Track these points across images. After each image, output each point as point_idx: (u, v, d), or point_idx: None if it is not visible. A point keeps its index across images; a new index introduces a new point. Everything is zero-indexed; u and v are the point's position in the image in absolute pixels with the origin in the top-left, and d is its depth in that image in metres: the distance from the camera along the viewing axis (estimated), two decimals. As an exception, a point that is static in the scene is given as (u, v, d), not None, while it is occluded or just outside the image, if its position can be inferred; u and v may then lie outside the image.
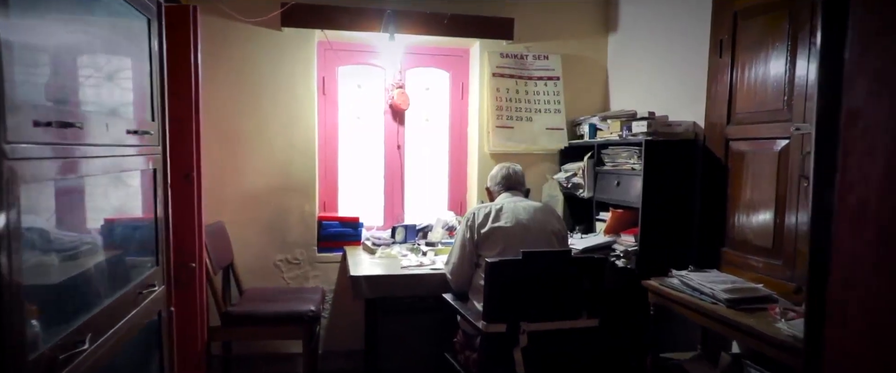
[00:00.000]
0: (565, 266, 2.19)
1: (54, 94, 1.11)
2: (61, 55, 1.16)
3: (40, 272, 1.05)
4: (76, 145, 1.13)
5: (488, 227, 2.47)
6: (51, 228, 1.11)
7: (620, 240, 2.91)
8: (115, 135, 1.32)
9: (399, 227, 3.39)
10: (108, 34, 1.39)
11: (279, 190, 3.38)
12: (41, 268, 1.06)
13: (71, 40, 1.20)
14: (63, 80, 1.17)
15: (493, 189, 2.75)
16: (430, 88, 3.79)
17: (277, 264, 3.42)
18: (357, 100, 3.68)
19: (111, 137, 1.27)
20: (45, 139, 1.02)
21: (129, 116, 1.48)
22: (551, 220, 2.57)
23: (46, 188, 1.07)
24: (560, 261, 2.20)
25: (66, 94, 1.17)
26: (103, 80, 1.33)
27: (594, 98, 3.73)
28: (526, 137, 3.53)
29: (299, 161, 3.39)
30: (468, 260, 2.51)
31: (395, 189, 3.75)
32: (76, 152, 1.14)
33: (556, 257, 2.21)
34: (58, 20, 1.13)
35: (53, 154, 1.05)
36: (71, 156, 1.12)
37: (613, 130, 3.11)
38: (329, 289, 3.47)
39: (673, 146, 2.74)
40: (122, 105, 1.44)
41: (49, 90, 1.09)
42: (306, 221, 3.42)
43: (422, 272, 2.76)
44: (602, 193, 3.16)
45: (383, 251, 3.14)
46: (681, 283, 2.39)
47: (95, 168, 1.23)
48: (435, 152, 3.83)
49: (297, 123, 3.37)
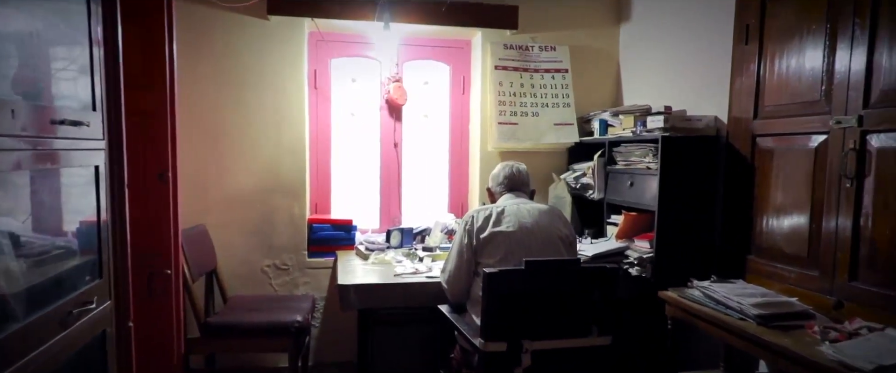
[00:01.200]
0: (574, 276, 1.94)
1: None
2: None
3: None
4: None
5: (488, 231, 2.23)
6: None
7: (634, 246, 2.67)
8: (29, 124, 1.09)
9: (395, 230, 3.16)
10: (33, 14, 1.17)
11: (266, 191, 3.16)
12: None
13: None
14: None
15: (494, 190, 2.51)
16: (429, 82, 3.55)
17: (264, 270, 3.19)
18: (351, 95, 3.45)
19: (20, 125, 1.05)
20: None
21: (55, 104, 1.25)
22: (558, 224, 2.33)
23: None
24: (568, 271, 1.96)
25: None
26: (18, 64, 1.11)
27: (605, 93, 3.49)
28: (531, 133, 3.29)
29: (288, 160, 3.17)
30: (466, 268, 2.27)
31: (392, 190, 3.52)
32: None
33: (563, 267, 1.97)
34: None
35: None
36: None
37: (626, 126, 2.86)
38: (320, 296, 3.25)
39: (692, 143, 2.50)
40: (43, 91, 1.21)
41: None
42: (296, 224, 3.20)
43: (416, 281, 2.52)
44: (614, 194, 2.91)
45: (377, 256, 2.91)
46: (703, 295, 2.15)
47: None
48: (434, 151, 3.60)
49: (286, 120, 3.15)
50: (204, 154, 3.07)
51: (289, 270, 3.21)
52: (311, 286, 3.24)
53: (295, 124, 3.16)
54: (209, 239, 3.02)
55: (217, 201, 3.11)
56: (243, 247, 3.15)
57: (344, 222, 3.23)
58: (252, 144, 3.13)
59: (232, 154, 3.11)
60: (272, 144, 3.15)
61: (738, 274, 2.36)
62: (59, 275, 1.23)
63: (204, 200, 3.08)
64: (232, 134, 3.10)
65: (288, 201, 3.18)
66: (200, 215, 3.05)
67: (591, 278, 1.96)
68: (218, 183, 3.11)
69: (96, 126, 1.41)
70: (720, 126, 2.54)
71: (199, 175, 3.07)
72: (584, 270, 1.94)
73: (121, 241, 1.68)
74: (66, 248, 1.31)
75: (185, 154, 2.97)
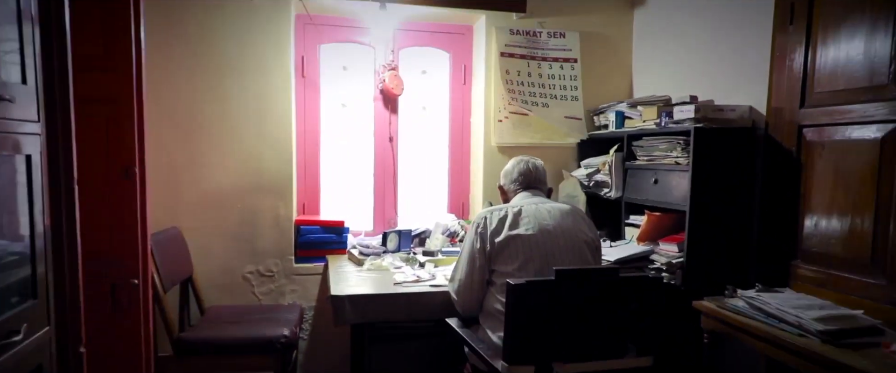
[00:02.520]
0: (611, 288, 1.67)
1: None
2: None
3: None
4: None
5: (504, 235, 1.95)
6: None
7: (659, 249, 2.41)
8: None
9: (391, 233, 2.87)
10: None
11: (248, 189, 2.84)
12: None
13: None
14: None
15: (507, 188, 2.24)
16: (428, 71, 3.26)
17: (246, 277, 2.88)
18: (342, 84, 3.15)
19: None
20: None
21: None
22: (582, 226, 2.06)
23: None
24: (605, 281, 1.68)
25: None
26: None
27: (616, 84, 3.23)
28: (541, 126, 3.02)
29: (273, 155, 2.86)
30: (479, 277, 2.00)
31: (387, 188, 3.22)
32: None
33: (599, 276, 1.69)
34: None
35: None
36: None
37: (647, 117, 2.60)
38: (309, 306, 2.94)
39: (726, 136, 2.25)
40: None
41: None
42: (281, 226, 2.89)
43: (420, 290, 2.23)
44: (634, 192, 2.65)
45: (373, 262, 2.62)
46: (749, 306, 1.89)
47: None
48: (433, 146, 3.31)
49: (270, 111, 2.84)
50: (177, 148, 2.75)
51: (274, 278, 2.90)
52: (299, 295, 2.93)
53: (280, 116, 2.85)
54: (184, 243, 2.70)
55: (193, 201, 2.79)
56: (222, 252, 2.84)
57: (335, 224, 2.93)
58: (232, 138, 2.81)
59: (209, 148, 2.79)
60: (255, 138, 2.83)
61: (780, 281, 2.12)
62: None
63: (177, 200, 2.76)
64: (209, 126, 2.78)
65: (272, 201, 2.87)
66: (173, 217, 2.73)
67: (631, 290, 1.69)
68: (194, 180, 2.79)
69: (27, 104, 1.10)
70: (756, 117, 2.29)
71: (172, 171, 2.75)
72: (624, 281, 1.67)
73: (69, 249, 1.37)
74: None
75: (156, 148, 2.65)
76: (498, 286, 1.94)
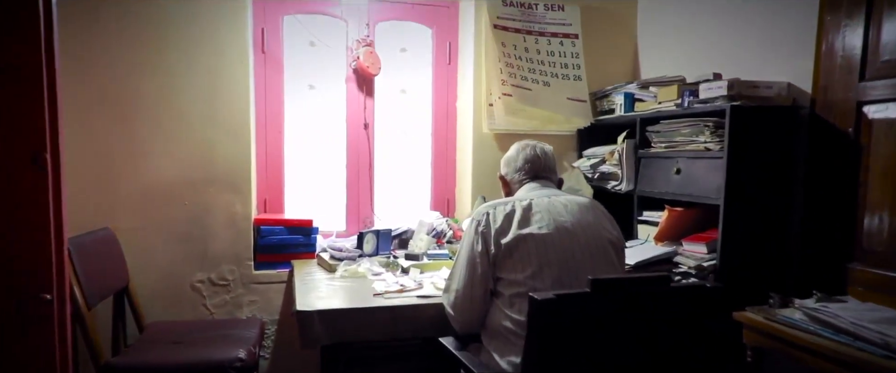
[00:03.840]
0: (659, 301, 1.30)
1: None
2: None
3: None
4: None
5: (513, 234, 1.58)
6: None
7: (683, 250, 2.07)
8: None
9: (368, 233, 2.46)
10: None
11: (198, 183, 2.41)
12: None
13: None
14: None
15: (510, 178, 1.86)
16: (408, 49, 2.87)
17: (196, 287, 2.44)
18: (309, 62, 2.73)
19: None
20: None
21: None
22: (604, 223, 1.70)
23: None
24: (652, 292, 1.31)
25: None
26: None
27: (620, 64, 2.89)
28: (537, 112, 2.66)
29: (227, 143, 2.42)
30: (481, 286, 1.62)
31: (362, 182, 2.82)
32: None
33: (645, 287, 1.32)
34: None
35: None
36: None
37: (665, 98, 2.26)
38: (271, 320, 2.52)
39: (765, 116, 1.92)
40: None
41: None
42: (238, 227, 2.46)
43: (405, 302, 1.84)
44: (649, 184, 2.31)
45: (347, 268, 2.21)
46: (809, 319, 1.56)
47: None
48: (414, 134, 2.92)
49: (223, 91, 2.40)
50: (110, 133, 2.30)
51: (229, 287, 2.47)
52: (260, 307, 2.50)
53: (235, 98, 2.42)
54: (118, 247, 2.24)
55: (129, 197, 2.34)
56: (166, 257, 2.39)
57: (302, 224, 2.51)
58: (178, 122, 2.37)
59: (150, 134, 2.34)
60: (205, 122, 2.40)
61: (833, 287, 1.80)
62: None
63: (110, 196, 2.31)
64: (150, 108, 2.33)
65: (227, 197, 2.44)
66: (105, 215, 2.28)
67: (683, 304, 1.32)
68: (131, 172, 2.33)
69: None
70: (797, 95, 1.97)
71: (104, 161, 2.30)
72: (676, 293, 1.30)
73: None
74: None
75: (83, 132, 2.20)
76: (505, 298, 1.57)
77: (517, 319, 1.52)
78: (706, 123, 2.00)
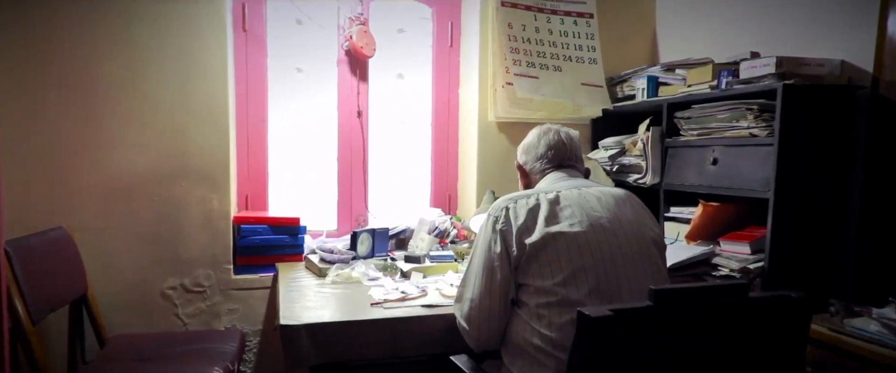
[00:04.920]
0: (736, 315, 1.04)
1: None
2: None
3: None
4: None
5: (540, 233, 1.32)
6: None
7: (723, 250, 1.83)
8: None
9: (362, 233, 2.19)
10: None
11: (169, 177, 2.12)
12: None
13: None
14: None
15: (531, 167, 1.60)
16: (406, 30, 2.61)
17: (167, 295, 2.16)
18: (297, 42, 2.46)
19: None
20: None
21: None
22: (645, 218, 1.45)
23: None
24: (726, 304, 1.04)
25: None
26: None
27: (637, 48, 2.65)
28: (557, 92, 2.40)
29: (203, 132, 2.15)
30: (500, 294, 1.36)
31: (355, 176, 2.55)
32: None
33: (717, 298, 1.05)
34: None
35: None
36: None
37: (696, 80, 2.02)
38: (253, 330, 2.24)
39: (818, 97, 1.67)
40: None
41: None
42: (215, 226, 2.18)
43: (408, 313, 1.57)
44: (678, 177, 2.07)
45: (339, 272, 1.94)
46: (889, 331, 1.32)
47: None
48: (412, 123, 2.66)
49: (198, 73, 2.12)
50: (67, 119, 2.01)
51: (205, 294, 2.19)
52: (240, 316, 2.22)
53: (212, 81, 2.14)
54: (74, 250, 1.95)
55: (89, 192, 2.05)
56: (132, 261, 2.11)
57: (287, 222, 2.23)
58: (146, 108, 2.09)
59: (113, 120, 2.06)
60: (177, 108, 2.11)
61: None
62: None
63: (66, 190, 2.02)
64: (114, 91, 2.05)
65: (202, 192, 2.16)
66: (59, 213, 2.00)
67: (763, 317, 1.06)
68: (90, 164, 2.05)
69: None
70: (852, 73, 1.73)
71: (58, 151, 2.01)
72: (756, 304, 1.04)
73: None
74: None
75: (33, 117, 1.91)
76: (531, 310, 1.31)
77: (547, 334, 1.26)
78: (749, 106, 1.75)
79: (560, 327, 1.25)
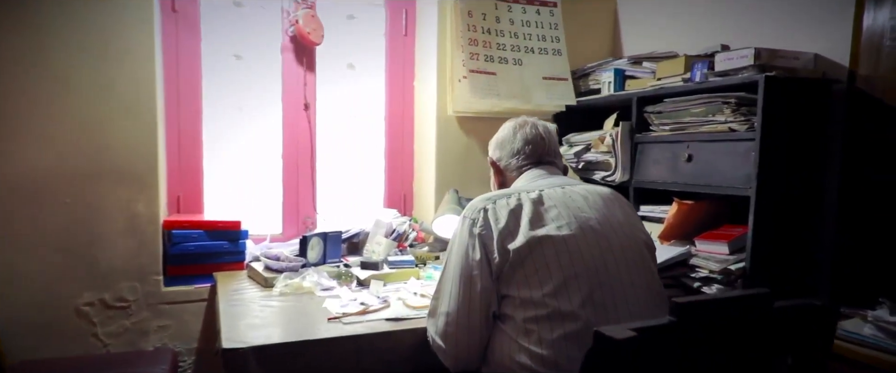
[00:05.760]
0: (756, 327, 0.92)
1: None
2: None
3: None
4: None
5: (524, 236, 1.18)
6: None
7: (699, 250, 1.74)
8: None
9: (313, 237, 1.98)
10: None
11: (85, 175, 1.84)
12: None
13: None
14: None
15: (506, 164, 1.46)
16: (356, 17, 2.41)
17: (83, 312, 1.87)
18: (235, 26, 2.22)
19: None
20: None
21: None
22: (634, 220, 1.34)
23: None
24: (747, 316, 0.92)
25: None
26: None
27: (599, 40, 2.56)
28: (515, 89, 2.27)
29: (126, 123, 1.87)
30: (480, 308, 1.20)
31: (302, 175, 2.32)
32: None
33: (742, 309, 0.92)
34: None
35: None
36: None
37: (666, 74, 1.94)
38: (186, 349, 1.99)
39: (795, 89, 1.62)
40: None
41: None
42: (141, 232, 1.91)
43: (371, 328, 1.39)
44: (649, 174, 1.98)
45: (288, 281, 1.73)
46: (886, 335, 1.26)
47: None
48: (364, 117, 2.46)
49: (119, 55, 1.85)
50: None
51: (129, 310, 1.91)
52: (172, 334, 1.96)
53: (137, 65, 1.87)
54: (-35, 264, 1.65)
55: (-15, 194, 1.74)
56: (39, 274, 1.81)
57: (226, 226, 1.99)
58: (56, 94, 1.79)
59: (15, 108, 1.75)
60: (95, 95, 1.83)
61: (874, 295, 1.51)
62: None
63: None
64: (15, 73, 1.75)
65: (125, 193, 1.88)
66: (-54, 220, 1.68)
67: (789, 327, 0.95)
68: (-14, 161, 1.74)
69: None
70: (826, 67, 1.69)
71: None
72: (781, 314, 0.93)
73: None
74: None
75: None
76: (517, 324, 1.16)
77: (536, 352, 1.12)
78: (726, 99, 1.68)
79: (551, 343, 1.11)
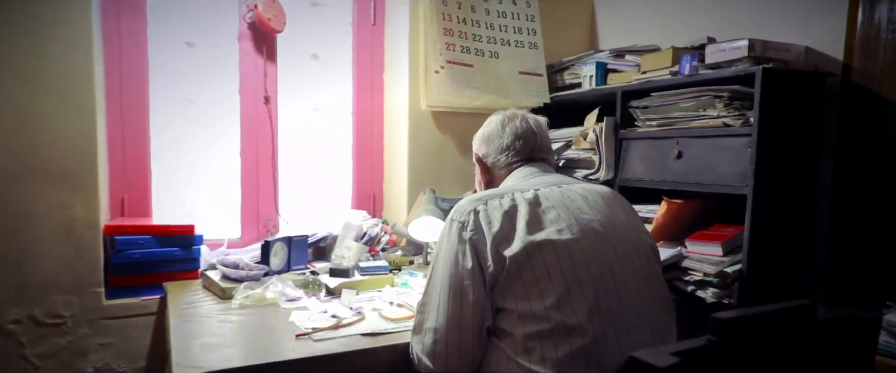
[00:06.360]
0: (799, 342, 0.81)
1: None
2: None
3: None
4: None
5: (521, 241, 1.05)
6: None
7: (690, 252, 1.66)
8: None
9: (276, 242, 1.80)
10: None
11: (11, 175, 1.61)
12: None
13: None
14: None
15: (494, 161, 1.33)
16: (320, 4, 2.24)
17: (9, 331, 1.64)
18: (186, 10, 2.01)
19: None
20: None
21: None
22: (637, 221, 1.23)
23: None
24: (788, 330, 0.81)
25: None
26: None
27: (576, 34, 2.47)
28: (492, 82, 2.14)
29: (60, 116, 1.65)
30: (473, 321, 1.07)
31: (262, 174, 2.14)
32: None
33: (785, 323, 0.81)
34: None
35: None
36: None
37: (651, 67, 1.86)
38: (133, 368, 1.78)
39: (789, 82, 1.55)
40: None
41: None
42: (78, 238, 1.69)
43: (346, 346, 1.24)
44: (636, 172, 1.89)
45: (249, 292, 1.55)
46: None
47: None
48: (329, 112, 2.29)
49: (51, 40, 1.63)
50: None
51: (64, 327, 1.69)
52: (115, 353, 1.75)
53: (72, 51, 1.65)
54: None
55: None
56: (-43, 289, 1.57)
57: (178, 231, 1.79)
58: (-26, 82, 1.56)
59: (-76, 100, 1.52)
60: (22, 84, 1.61)
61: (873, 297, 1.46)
62: None
63: None
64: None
65: (59, 195, 1.66)
66: None
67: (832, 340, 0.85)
68: None
69: None
70: (818, 60, 1.63)
71: None
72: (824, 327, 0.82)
73: None
74: None
75: None
76: (516, 341, 1.03)
77: (539, 372, 0.99)
78: (719, 93, 1.60)
79: (556, 362, 0.98)
